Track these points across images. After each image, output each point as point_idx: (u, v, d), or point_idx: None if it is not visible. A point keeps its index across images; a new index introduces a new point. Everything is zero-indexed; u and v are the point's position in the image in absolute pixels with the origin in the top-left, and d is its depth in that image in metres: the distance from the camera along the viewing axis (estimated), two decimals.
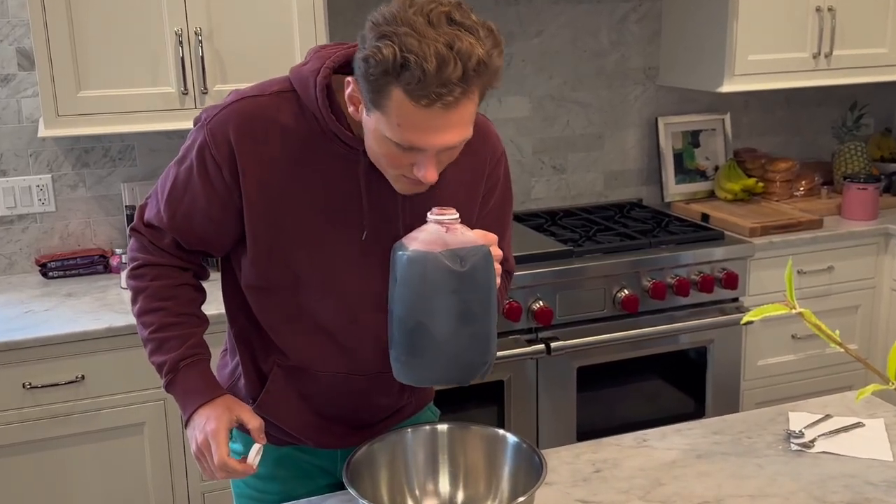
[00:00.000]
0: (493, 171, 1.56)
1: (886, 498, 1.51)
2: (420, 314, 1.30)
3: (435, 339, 1.30)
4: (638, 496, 1.53)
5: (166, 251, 1.53)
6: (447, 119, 1.25)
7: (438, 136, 1.27)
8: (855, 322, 3.32)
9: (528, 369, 2.84)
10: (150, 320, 1.52)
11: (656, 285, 2.91)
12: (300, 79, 1.42)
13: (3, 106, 2.85)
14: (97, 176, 2.97)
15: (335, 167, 1.43)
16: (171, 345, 1.50)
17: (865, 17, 3.33)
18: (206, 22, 2.63)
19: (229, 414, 1.45)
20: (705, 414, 3.10)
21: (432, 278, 1.28)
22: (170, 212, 1.49)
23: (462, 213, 1.39)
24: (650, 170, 3.61)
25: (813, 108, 3.81)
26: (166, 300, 1.52)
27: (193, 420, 1.47)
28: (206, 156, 1.43)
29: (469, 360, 1.34)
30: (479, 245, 1.31)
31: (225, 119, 1.42)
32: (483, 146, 1.53)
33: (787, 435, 1.74)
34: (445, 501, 1.48)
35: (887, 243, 3.29)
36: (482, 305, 1.32)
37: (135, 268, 1.55)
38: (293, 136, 1.42)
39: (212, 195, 1.44)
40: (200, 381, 1.50)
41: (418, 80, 1.19)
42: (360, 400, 1.57)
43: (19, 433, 2.45)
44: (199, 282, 1.60)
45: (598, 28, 3.42)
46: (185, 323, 1.53)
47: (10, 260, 2.94)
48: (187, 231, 1.50)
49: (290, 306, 1.49)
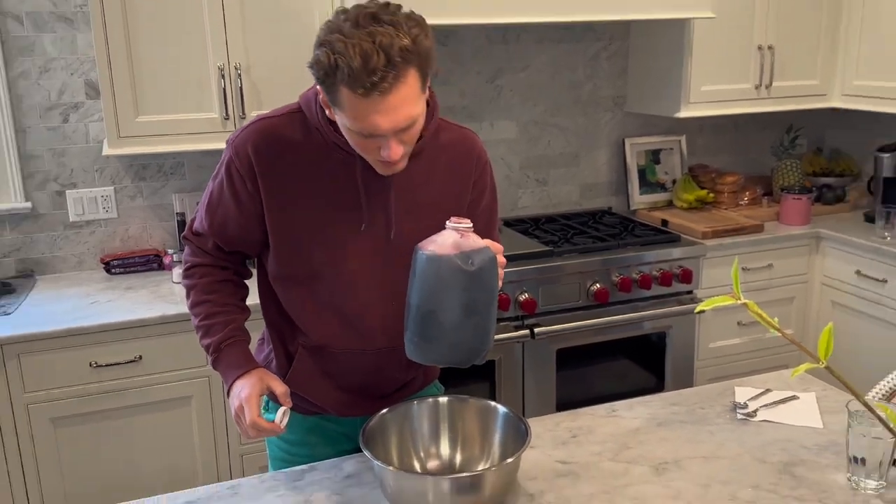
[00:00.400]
0: (479, 178, 1.56)
1: (816, 458, 1.51)
2: (433, 305, 1.30)
3: (443, 327, 1.30)
4: (608, 458, 1.53)
5: (210, 253, 1.56)
6: (387, 103, 1.25)
7: (386, 118, 1.26)
8: (790, 311, 3.32)
9: (515, 351, 2.84)
10: (199, 311, 1.54)
11: (623, 280, 2.91)
12: (305, 100, 1.46)
13: (73, 129, 2.85)
14: (152, 188, 2.97)
15: (337, 171, 1.44)
16: (215, 329, 1.52)
17: (799, 54, 3.33)
18: (244, 58, 2.63)
19: (261, 383, 1.46)
20: (665, 388, 3.10)
21: (445, 275, 1.29)
22: (209, 220, 1.52)
23: (449, 210, 1.41)
24: (618, 183, 3.61)
25: (755, 131, 3.81)
26: (211, 293, 1.55)
27: (232, 389, 1.48)
28: (232, 170, 1.46)
29: (470, 347, 1.34)
30: (488, 249, 1.32)
31: (245, 138, 1.45)
32: (469, 155, 1.54)
33: (733, 406, 1.74)
34: (446, 462, 1.48)
35: (818, 245, 3.29)
36: (486, 302, 1.33)
37: (187, 269, 1.58)
38: (302, 148, 1.44)
39: (239, 203, 1.47)
40: (239, 357, 1.51)
41: (349, 74, 1.21)
42: (374, 374, 1.57)
43: (87, 405, 2.45)
44: (241, 279, 1.62)
45: (575, 64, 3.42)
46: (227, 311, 1.54)
47: (80, 259, 2.95)
48: (224, 235, 1.52)
49: (308, 292, 1.50)
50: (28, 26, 2.73)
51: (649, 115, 3.55)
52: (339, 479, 1.47)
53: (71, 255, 2.93)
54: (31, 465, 2.43)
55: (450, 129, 1.54)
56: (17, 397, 2.38)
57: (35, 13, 2.73)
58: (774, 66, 3.29)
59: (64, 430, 2.45)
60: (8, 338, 2.33)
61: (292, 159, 1.44)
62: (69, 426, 2.45)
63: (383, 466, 1.29)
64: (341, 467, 1.51)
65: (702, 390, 1.83)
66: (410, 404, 1.49)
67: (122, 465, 2.53)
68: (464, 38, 3.21)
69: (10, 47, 2.73)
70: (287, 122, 1.46)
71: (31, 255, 2.88)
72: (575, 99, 3.46)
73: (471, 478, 1.27)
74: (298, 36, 2.66)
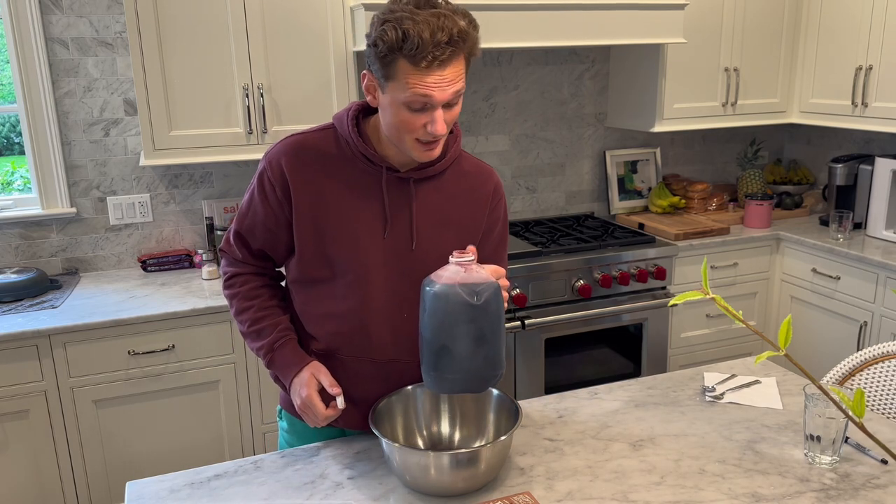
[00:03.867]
0: (495, 207, 1.52)
1: (777, 436, 1.51)
2: (444, 338, 1.25)
3: (455, 359, 1.25)
4: (591, 435, 1.53)
5: (245, 262, 1.51)
6: (443, 76, 1.26)
7: (439, 89, 1.26)
8: (753, 304, 3.32)
9: (508, 340, 2.84)
10: (246, 317, 1.48)
11: (604, 277, 2.91)
12: (338, 118, 1.44)
13: (113, 142, 2.85)
14: (184, 194, 2.97)
15: (363, 182, 1.41)
16: (265, 333, 1.46)
17: (762, 75, 3.33)
18: (266, 79, 2.63)
19: (314, 380, 1.42)
20: (641, 374, 3.10)
21: (453, 310, 1.23)
22: (239, 226, 1.49)
23: (465, 234, 1.38)
24: (600, 190, 3.61)
25: (722, 144, 3.81)
26: (254, 299, 1.49)
27: (292, 387, 1.43)
28: (264, 179, 1.43)
29: (483, 375, 1.28)
30: (491, 282, 1.26)
31: (280, 150, 1.42)
32: (487, 184, 1.51)
33: (702, 389, 1.74)
34: (445, 440, 1.48)
35: (778, 245, 3.29)
36: (493, 330, 1.27)
37: (227, 280, 1.52)
38: (332, 160, 1.41)
39: (268, 209, 1.43)
40: (291, 356, 1.45)
41: (417, 46, 1.22)
42: (382, 386, 1.50)
43: (126, 388, 2.45)
44: (277, 282, 1.56)
45: (561, 83, 3.42)
46: (272, 314, 1.48)
47: (119, 258, 2.94)
48: (252, 240, 1.48)
49: (324, 294, 1.45)
50: (73, 51, 2.73)
51: (627, 130, 3.55)
52: (350, 454, 1.47)
53: (111, 255, 2.93)
54: (75, 441, 2.43)
55: (471, 159, 1.51)
56: (64, 382, 2.38)
57: (79, 39, 2.73)
58: (739, 86, 3.29)
59: (105, 411, 2.45)
60: (56, 329, 2.33)
61: (321, 168, 1.41)
62: (110, 407, 2.45)
63: (390, 443, 1.29)
64: (352, 444, 1.51)
65: (674, 375, 1.83)
66: (415, 388, 1.49)
67: (157, 441, 2.53)
68: None
69: (57, 69, 2.73)
70: (319, 137, 1.43)
71: (75, 255, 2.88)
72: (561, 115, 3.46)
73: (468, 453, 1.27)
74: (315, 60, 2.66)
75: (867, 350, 1.72)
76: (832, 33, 3.19)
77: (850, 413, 1.36)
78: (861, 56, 3.05)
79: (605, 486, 1.34)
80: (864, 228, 3.19)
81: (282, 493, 1.34)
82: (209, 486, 1.38)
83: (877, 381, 1.70)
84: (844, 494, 1.31)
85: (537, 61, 3.35)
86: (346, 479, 1.39)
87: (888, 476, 1.36)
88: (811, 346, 3.16)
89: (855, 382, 1.72)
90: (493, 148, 3.36)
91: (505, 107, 3.35)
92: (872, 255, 2.86)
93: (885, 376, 1.69)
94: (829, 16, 3.20)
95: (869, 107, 3.03)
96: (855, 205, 3.27)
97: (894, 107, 2.93)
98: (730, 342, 3.29)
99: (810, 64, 3.30)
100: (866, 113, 3.05)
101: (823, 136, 3.73)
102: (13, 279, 2.58)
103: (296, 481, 1.38)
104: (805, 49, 3.32)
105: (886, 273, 2.81)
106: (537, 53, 3.34)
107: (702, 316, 3.21)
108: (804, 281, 3.17)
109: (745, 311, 3.29)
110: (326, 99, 2.70)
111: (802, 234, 3.21)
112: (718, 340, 3.27)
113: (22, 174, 3.02)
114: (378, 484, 1.36)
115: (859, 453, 1.44)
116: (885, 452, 1.18)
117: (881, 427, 1.54)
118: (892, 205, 3.06)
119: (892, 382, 1.68)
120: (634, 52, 3.29)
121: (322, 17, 2.65)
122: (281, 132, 2.67)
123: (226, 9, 2.54)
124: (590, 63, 3.45)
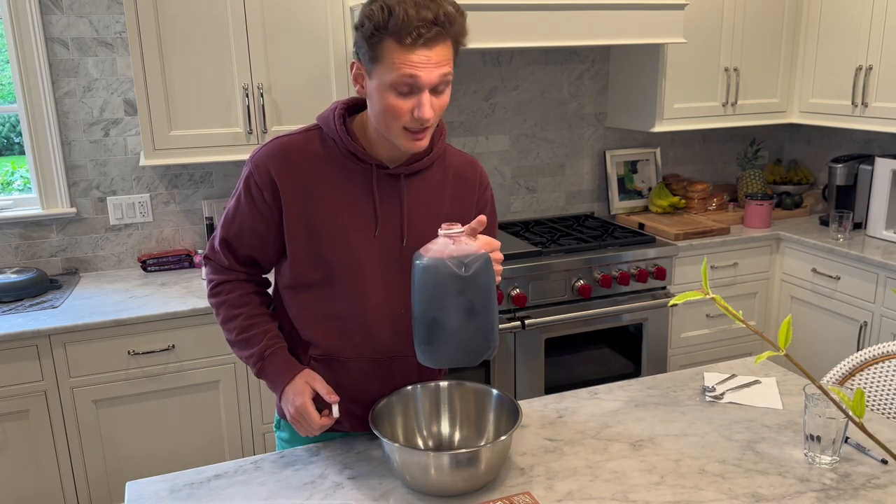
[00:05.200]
0: (482, 195, 1.54)
1: (776, 436, 1.51)
2: (434, 311, 1.24)
3: (446, 331, 1.25)
4: (590, 435, 1.53)
5: (231, 269, 1.48)
6: (429, 57, 1.25)
7: (425, 70, 1.25)
8: (754, 304, 3.32)
9: (508, 340, 2.84)
10: (233, 325, 1.46)
11: (604, 277, 2.91)
12: (323, 118, 1.43)
13: (113, 143, 2.85)
14: (184, 194, 2.97)
15: (353, 180, 1.40)
16: (254, 341, 1.44)
17: (762, 75, 3.33)
18: (266, 79, 2.63)
19: (308, 388, 1.41)
20: (641, 373, 3.10)
21: (442, 282, 1.23)
22: (226, 233, 1.45)
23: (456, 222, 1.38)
24: (600, 190, 3.61)
25: (722, 144, 3.81)
26: (242, 307, 1.46)
27: (284, 395, 1.42)
28: (250, 183, 1.40)
29: (475, 347, 1.28)
30: (480, 253, 1.26)
31: (266, 153, 1.40)
32: (473, 175, 1.52)
33: (702, 389, 1.74)
34: (445, 440, 1.48)
35: (778, 245, 3.29)
36: (484, 302, 1.26)
37: (212, 287, 1.49)
38: (320, 160, 1.40)
39: (256, 214, 1.41)
40: (282, 364, 1.44)
41: (402, 20, 1.22)
42: (386, 385, 1.49)
43: (126, 388, 2.45)
44: (264, 289, 1.53)
45: (561, 83, 3.42)
46: (260, 322, 1.46)
47: (119, 258, 2.94)
48: (240, 246, 1.45)
49: (320, 297, 1.43)
50: (73, 51, 2.73)
51: (627, 130, 3.55)
52: (350, 455, 1.47)
53: (111, 255, 2.93)
54: (75, 441, 2.43)
55: (457, 153, 1.52)
56: (64, 381, 2.38)
57: (79, 39, 2.73)
58: (739, 86, 3.29)
59: (105, 411, 2.45)
60: (56, 328, 2.33)
61: (310, 169, 1.39)
62: (109, 407, 2.45)
63: (390, 443, 1.29)
64: (352, 445, 1.51)
65: (674, 375, 1.83)
66: (414, 388, 1.49)
67: (157, 441, 2.53)
68: (462, 61, 3.20)
69: (57, 69, 2.73)
70: (304, 138, 1.41)
71: (75, 255, 2.88)
72: (561, 115, 3.46)
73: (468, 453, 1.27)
74: (315, 60, 2.66)
75: (867, 350, 1.72)
76: (832, 33, 3.19)
77: (850, 413, 1.36)
78: (861, 56, 3.05)
79: (605, 486, 1.34)
80: (864, 228, 3.19)
81: (282, 494, 1.34)
82: (209, 487, 1.38)
83: (877, 381, 1.70)
84: (844, 494, 1.31)
85: (537, 61, 3.35)
86: (346, 479, 1.38)
87: (888, 476, 1.36)
88: (811, 346, 3.16)
89: (855, 382, 1.72)
90: (492, 148, 3.36)
91: (505, 107, 3.35)
92: (872, 255, 2.87)
93: (885, 376, 1.69)
94: (829, 16, 3.20)
95: (869, 107, 3.03)
96: (855, 205, 3.27)
97: (894, 107, 2.93)
98: (730, 342, 3.29)
99: (810, 64, 3.30)
100: (866, 113, 3.05)
101: (823, 136, 3.73)
102: (13, 279, 2.59)
103: (296, 481, 1.38)
104: (805, 49, 3.32)
105: (886, 273, 2.81)
106: (537, 53, 3.34)
107: (702, 316, 3.21)
108: (804, 281, 3.17)
109: (745, 311, 3.29)
110: (326, 99, 2.70)
111: (802, 234, 3.21)
112: (718, 340, 3.27)
113: (22, 174, 3.02)
114: (378, 484, 1.36)
115: (859, 453, 1.44)
116: (885, 452, 1.18)
117: (881, 427, 1.54)
118: (892, 205, 3.06)
119: (892, 382, 1.68)
120: (634, 52, 3.29)
121: (322, 17, 2.65)
122: (281, 132, 2.67)
123: (226, 9, 2.54)
124: (590, 63, 3.45)
